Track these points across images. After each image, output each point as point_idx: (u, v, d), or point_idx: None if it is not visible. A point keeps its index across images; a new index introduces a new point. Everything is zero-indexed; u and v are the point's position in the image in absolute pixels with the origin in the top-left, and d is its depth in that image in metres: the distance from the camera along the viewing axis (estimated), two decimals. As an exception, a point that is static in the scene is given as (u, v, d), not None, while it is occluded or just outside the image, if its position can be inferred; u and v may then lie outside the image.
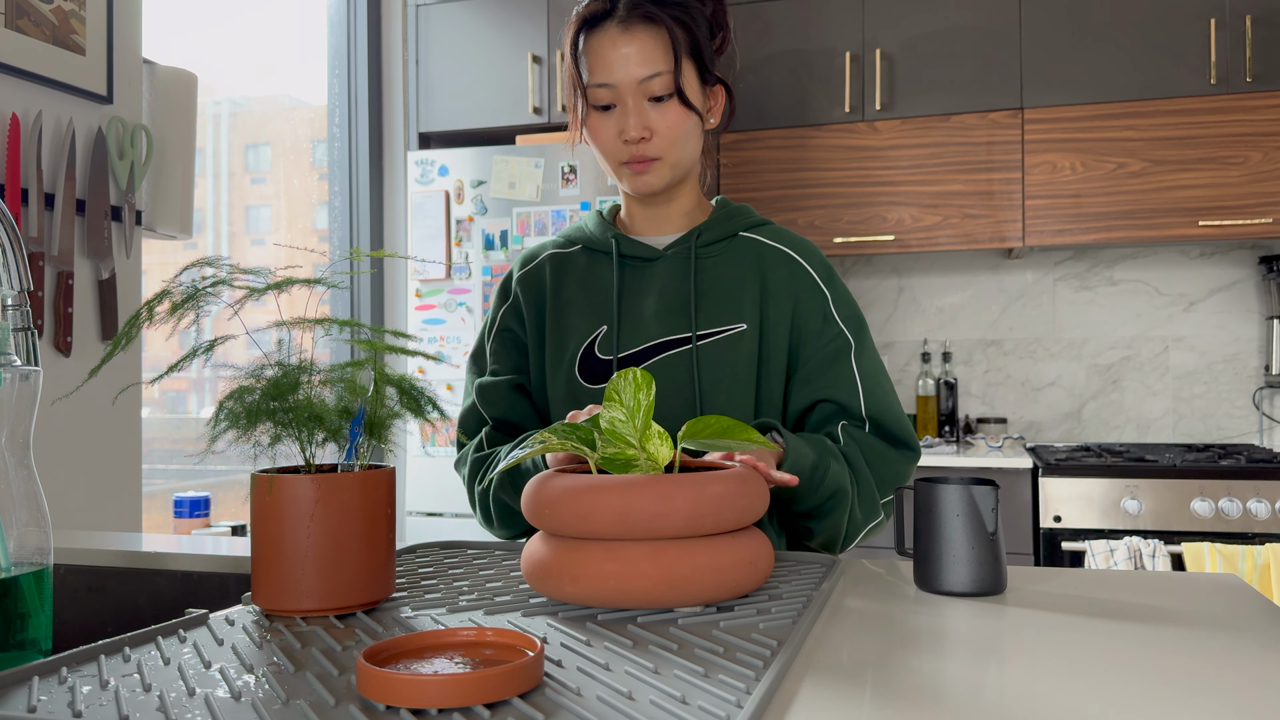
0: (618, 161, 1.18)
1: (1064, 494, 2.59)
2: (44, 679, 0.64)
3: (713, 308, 1.20)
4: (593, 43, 1.16)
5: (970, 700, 0.61)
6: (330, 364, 0.85)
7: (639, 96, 1.14)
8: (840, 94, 3.07)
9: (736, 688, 0.60)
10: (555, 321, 1.25)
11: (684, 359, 1.19)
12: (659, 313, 1.20)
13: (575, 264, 1.27)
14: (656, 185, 1.19)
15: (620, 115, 1.16)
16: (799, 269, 1.22)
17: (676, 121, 1.15)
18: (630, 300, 1.22)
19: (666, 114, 1.15)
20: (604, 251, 1.26)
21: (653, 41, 1.14)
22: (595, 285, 1.25)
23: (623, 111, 1.15)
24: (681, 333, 1.19)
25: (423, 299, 3.01)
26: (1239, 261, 3.12)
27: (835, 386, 1.19)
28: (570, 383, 1.21)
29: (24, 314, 0.84)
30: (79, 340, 1.85)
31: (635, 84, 1.14)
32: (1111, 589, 0.91)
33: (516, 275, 1.31)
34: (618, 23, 1.14)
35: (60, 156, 1.83)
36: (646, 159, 1.16)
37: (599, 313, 1.23)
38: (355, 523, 0.79)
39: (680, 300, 1.21)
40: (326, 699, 0.59)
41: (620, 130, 1.15)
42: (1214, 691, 0.63)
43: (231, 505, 2.64)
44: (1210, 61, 2.79)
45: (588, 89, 1.16)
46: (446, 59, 3.23)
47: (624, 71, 1.14)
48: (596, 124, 1.18)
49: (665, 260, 1.23)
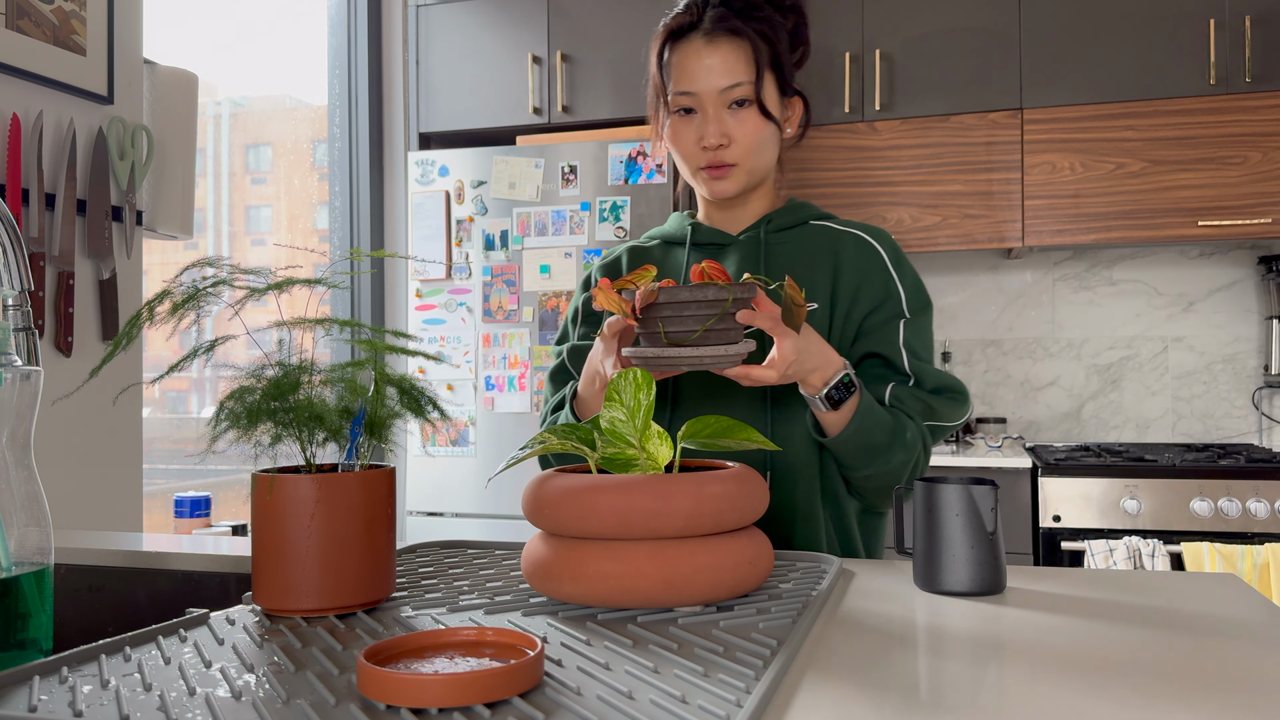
0: (696, 166, 1.22)
1: (1063, 494, 2.59)
2: (45, 679, 0.64)
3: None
4: (678, 53, 1.20)
5: (970, 700, 0.61)
6: (331, 364, 0.85)
7: (719, 105, 1.18)
8: (840, 94, 3.07)
9: (736, 687, 0.60)
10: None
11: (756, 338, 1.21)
12: None
13: (652, 255, 1.32)
14: (731, 190, 1.22)
15: (700, 122, 1.19)
16: (870, 250, 1.24)
17: (754, 130, 1.19)
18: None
19: (745, 122, 1.19)
20: (680, 243, 1.31)
21: (735, 53, 1.18)
22: (671, 272, 1.29)
23: (703, 118, 1.19)
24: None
25: (423, 299, 3.01)
26: (1238, 261, 3.12)
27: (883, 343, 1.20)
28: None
29: (25, 314, 0.84)
30: (79, 340, 1.85)
31: (716, 93, 1.18)
32: (1111, 589, 0.91)
33: (597, 267, 1.36)
34: (703, 34, 1.19)
35: (61, 156, 1.83)
36: (724, 164, 1.20)
37: None
38: (355, 523, 0.79)
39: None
40: (327, 698, 0.59)
41: (700, 137, 1.19)
42: (1214, 691, 0.63)
43: (232, 505, 2.64)
44: (1210, 61, 2.79)
45: (670, 96, 1.21)
46: (446, 59, 3.23)
47: (706, 81, 1.18)
48: (678, 129, 1.22)
49: (738, 245, 1.27)
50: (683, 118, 1.21)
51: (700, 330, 0.98)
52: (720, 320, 0.98)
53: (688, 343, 0.99)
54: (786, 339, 1.02)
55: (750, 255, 1.25)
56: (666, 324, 0.99)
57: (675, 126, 1.22)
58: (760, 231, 1.26)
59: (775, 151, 1.25)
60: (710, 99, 1.18)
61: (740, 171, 1.21)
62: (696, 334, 0.99)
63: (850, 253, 1.24)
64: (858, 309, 1.22)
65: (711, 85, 1.18)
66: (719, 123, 1.18)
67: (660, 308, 0.98)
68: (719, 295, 0.98)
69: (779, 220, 1.27)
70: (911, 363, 1.19)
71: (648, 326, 1.00)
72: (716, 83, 1.17)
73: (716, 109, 1.18)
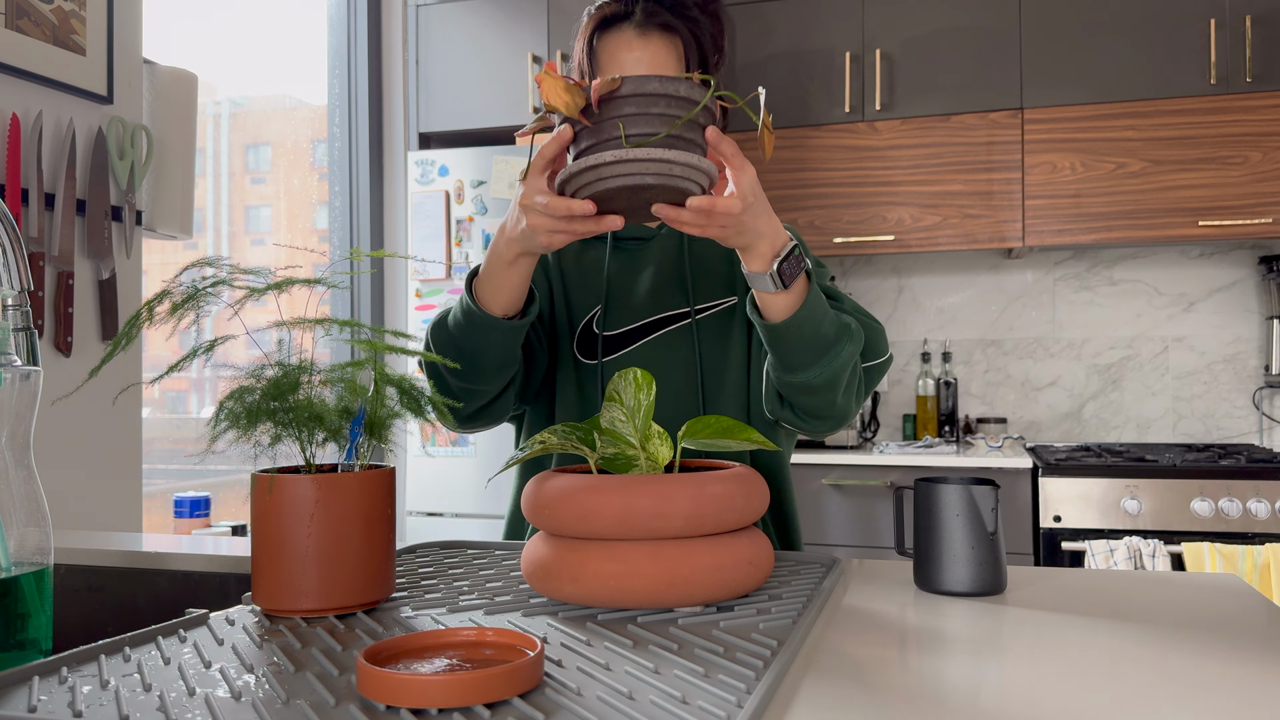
0: None
1: (1064, 494, 2.59)
2: (44, 679, 0.64)
3: (706, 283, 1.24)
4: (608, 43, 1.19)
5: (970, 700, 0.61)
6: (330, 364, 0.85)
7: None
8: (840, 94, 3.07)
9: (736, 688, 0.60)
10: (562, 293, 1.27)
11: (684, 334, 1.22)
12: (654, 289, 1.24)
13: (569, 249, 1.29)
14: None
15: None
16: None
17: None
18: (624, 280, 1.25)
19: None
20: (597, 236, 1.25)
21: (666, 48, 1.18)
22: (591, 264, 1.27)
23: None
24: (677, 308, 1.23)
25: (423, 299, 3.01)
26: (1239, 261, 3.12)
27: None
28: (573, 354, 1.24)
29: (24, 314, 0.84)
30: (79, 340, 1.85)
31: None
32: (1111, 589, 0.91)
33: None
34: (635, 26, 1.18)
35: (60, 156, 1.83)
36: None
37: (595, 292, 1.26)
38: (355, 523, 0.79)
39: (674, 277, 1.25)
40: (327, 699, 0.59)
41: None
42: (1214, 691, 0.63)
43: (231, 505, 2.64)
44: (1210, 61, 2.78)
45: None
46: (446, 59, 3.23)
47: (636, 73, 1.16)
48: None
49: (658, 240, 1.27)
50: None
51: (677, 124, 0.83)
52: (687, 128, 0.85)
53: (653, 143, 0.83)
54: (747, 172, 0.92)
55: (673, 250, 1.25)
56: (628, 124, 0.84)
57: None
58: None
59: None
60: None
61: None
62: (673, 127, 0.83)
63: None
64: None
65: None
66: None
67: (622, 102, 0.83)
68: (692, 93, 0.84)
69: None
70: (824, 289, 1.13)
71: (601, 132, 0.85)
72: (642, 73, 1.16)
73: None
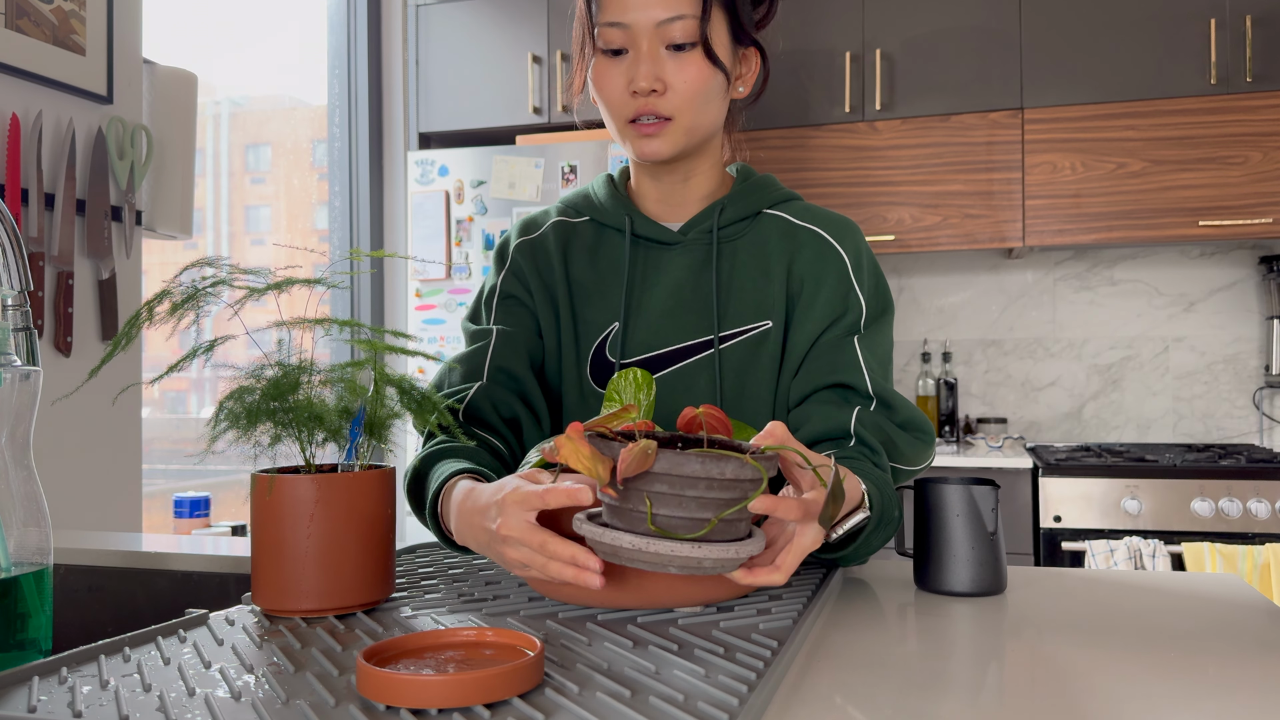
0: (624, 119, 1.01)
1: (1064, 494, 2.59)
2: (44, 679, 0.64)
3: (735, 304, 1.06)
4: None
5: (970, 700, 0.61)
6: (330, 364, 0.85)
7: (655, 42, 0.98)
8: (840, 94, 3.07)
9: (737, 688, 0.60)
10: (569, 310, 1.10)
11: (706, 365, 1.04)
12: (674, 308, 1.06)
13: (582, 238, 1.12)
14: (665, 152, 1.01)
15: (631, 63, 0.99)
16: (830, 253, 1.06)
17: (696, 76, 0.98)
18: (643, 293, 1.08)
19: (686, 66, 0.98)
20: (615, 227, 1.11)
21: None
22: (608, 267, 1.10)
23: (635, 58, 0.99)
24: (701, 335, 1.05)
25: (423, 299, 3.01)
26: (1239, 261, 3.12)
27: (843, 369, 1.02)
28: (582, 383, 1.08)
29: (24, 314, 0.84)
30: (79, 340, 1.85)
31: (653, 26, 0.98)
32: (1111, 589, 0.91)
33: (516, 242, 1.14)
34: None
35: (60, 156, 1.83)
36: (658, 118, 1.00)
37: (612, 306, 1.09)
38: (355, 523, 0.79)
39: (699, 294, 1.06)
40: (326, 699, 0.59)
41: (630, 80, 0.99)
42: (1214, 691, 0.62)
43: (231, 505, 2.64)
44: (1210, 61, 2.78)
45: (597, 28, 1.00)
46: (446, 59, 3.23)
47: (641, 11, 0.98)
48: (603, 72, 1.01)
49: (684, 246, 1.08)
50: (610, 58, 1.00)
51: (713, 523, 0.69)
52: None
53: (687, 536, 0.69)
54: (809, 534, 0.75)
55: (699, 260, 1.07)
56: (658, 503, 0.69)
57: (600, 68, 1.01)
58: (712, 229, 1.07)
59: (722, 110, 1.04)
60: (645, 33, 0.98)
61: (677, 129, 1.00)
62: (706, 528, 0.69)
63: (807, 255, 1.06)
64: (812, 322, 1.04)
65: (648, 17, 0.97)
66: (653, 63, 0.98)
67: (653, 479, 0.69)
68: (741, 474, 0.69)
69: (732, 211, 1.07)
70: (876, 385, 1.01)
71: (627, 501, 0.71)
72: (654, 14, 0.97)
73: (652, 46, 0.98)
